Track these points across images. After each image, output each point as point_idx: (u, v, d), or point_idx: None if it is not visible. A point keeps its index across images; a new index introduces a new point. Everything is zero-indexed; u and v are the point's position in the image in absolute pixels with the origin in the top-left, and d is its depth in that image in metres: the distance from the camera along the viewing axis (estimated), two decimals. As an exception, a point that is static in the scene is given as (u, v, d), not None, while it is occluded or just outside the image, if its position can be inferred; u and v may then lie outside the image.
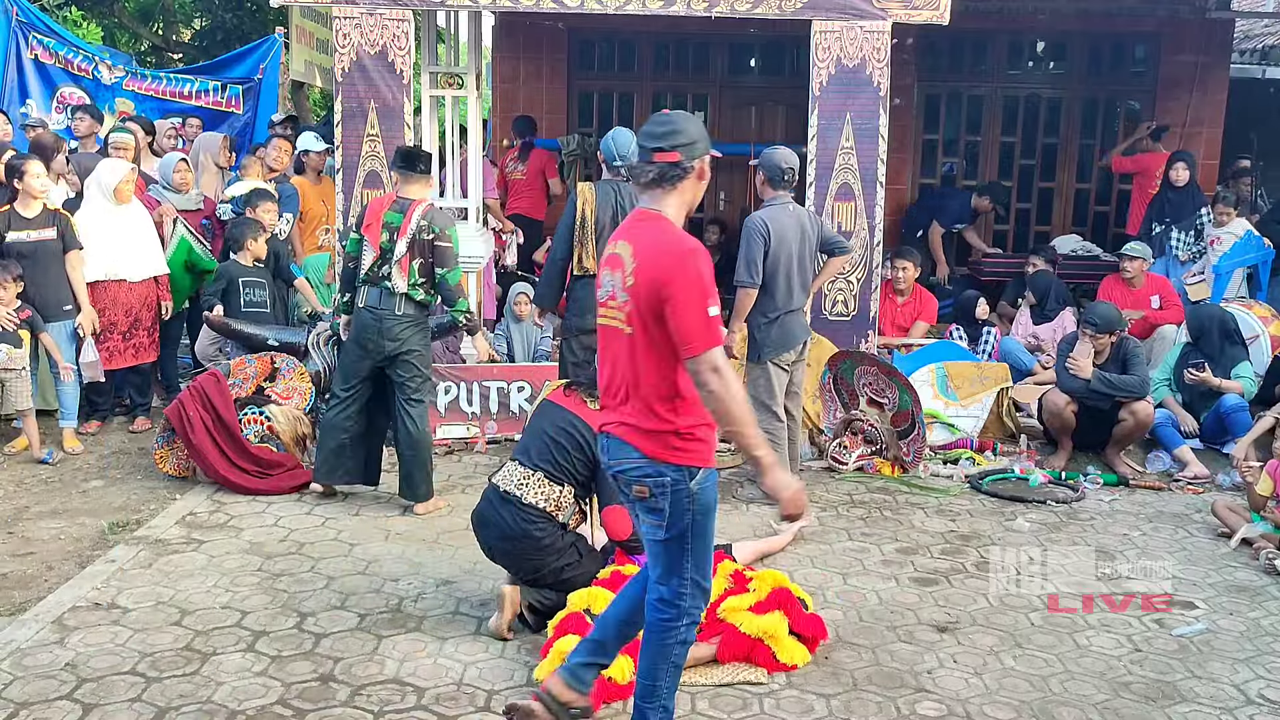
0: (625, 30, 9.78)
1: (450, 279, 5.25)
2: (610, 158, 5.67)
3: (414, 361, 5.31)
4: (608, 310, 3.09)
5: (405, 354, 5.27)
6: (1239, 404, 6.40)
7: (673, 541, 3.04)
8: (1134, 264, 7.64)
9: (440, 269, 5.22)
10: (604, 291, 3.11)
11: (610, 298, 3.06)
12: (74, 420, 6.29)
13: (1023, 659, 3.97)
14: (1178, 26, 9.43)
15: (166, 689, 3.59)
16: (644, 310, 2.92)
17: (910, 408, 6.06)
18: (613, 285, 3.04)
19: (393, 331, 5.24)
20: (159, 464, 5.77)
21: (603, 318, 3.12)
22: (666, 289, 2.87)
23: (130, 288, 6.48)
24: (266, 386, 5.91)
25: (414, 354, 5.29)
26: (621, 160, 5.65)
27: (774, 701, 3.61)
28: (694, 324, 2.85)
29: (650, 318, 2.92)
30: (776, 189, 5.50)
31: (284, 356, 6.14)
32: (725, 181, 10.40)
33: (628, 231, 3.08)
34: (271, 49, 10.16)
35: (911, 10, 6.34)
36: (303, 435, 5.95)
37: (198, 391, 5.66)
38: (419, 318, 5.30)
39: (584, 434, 4.01)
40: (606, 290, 3.09)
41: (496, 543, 4.07)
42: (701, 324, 2.86)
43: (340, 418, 5.38)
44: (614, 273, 3.04)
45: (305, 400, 6.07)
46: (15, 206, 6.11)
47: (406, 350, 5.26)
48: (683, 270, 2.88)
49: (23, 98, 9.04)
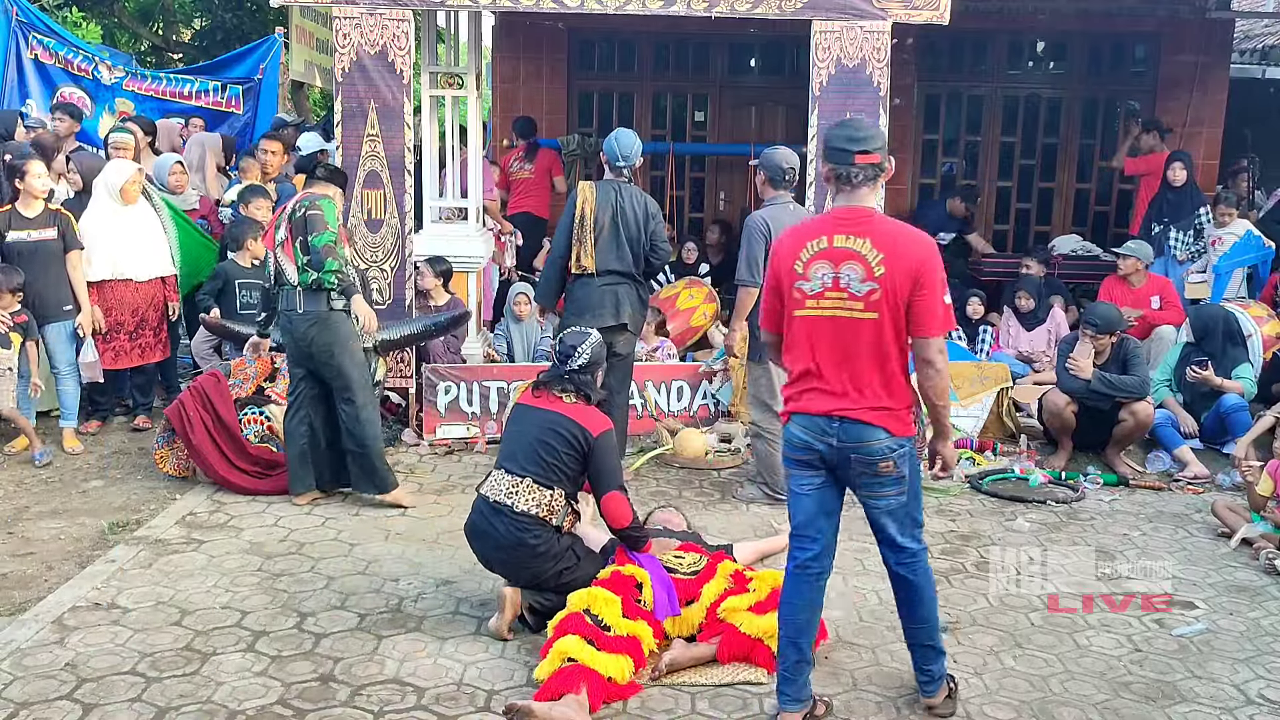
0: (625, 30, 9.78)
1: (316, 242, 5.07)
2: (613, 158, 5.67)
3: (332, 361, 5.21)
4: (830, 301, 3.31)
5: (320, 354, 5.19)
6: (1239, 404, 6.40)
7: (910, 498, 3.43)
8: (1126, 262, 7.62)
9: (310, 235, 5.09)
10: (819, 284, 3.32)
11: (834, 289, 3.29)
12: (74, 420, 6.30)
13: (1023, 659, 3.97)
14: (1178, 26, 9.43)
15: (166, 689, 3.59)
16: (896, 297, 3.24)
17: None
18: (846, 277, 3.28)
19: (299, 331, 5.19)
20: (159, 464, 5.76)
21: (819, 309, 3.33)
22: (923, 276, 3.23)
23: (136, 288, 6.49)
24: (267, 387, 5.87)
25: (328, 352, 5.19)
26: (624, 161, 5.65)
27: (774, 701, 3.61)
28: (938, 308, 3.27)
29: (900, 303, 3.24)
30: (777, 189, 5.50)
31: (284, 357, 6.12)
32: (725, 181, 10.40)
33: (851, 226, 3.32)
34: (271, 49, 10.17)
35: (911, 10, 6.33)
36: None
37: (198, 391, 5.64)
38: (322, 313, 5.16)
39: (569, 430, 4.02)
40: (824, 283, 3.31)
41: (493, 554, 4.07)
42: (943, 309, 3.30)
43: (293, 424, 5.36)
44: (843, 265, 3.29)
45: None
46: (16, 206, 6.11)
47: (319, 350, 5.18)
48: (934, 259, 3.29)
49: (23, 98, 9.04)
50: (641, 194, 5.75)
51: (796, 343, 3.40)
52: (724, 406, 6.67)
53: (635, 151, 5.71)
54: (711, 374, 6.75)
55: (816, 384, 3.36)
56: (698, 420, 6.70)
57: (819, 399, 3.35)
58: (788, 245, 3.42)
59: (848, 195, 3.36)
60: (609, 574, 4.01)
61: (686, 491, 5.81)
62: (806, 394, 3.38)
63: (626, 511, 4.06)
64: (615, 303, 5.64)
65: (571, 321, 5.53)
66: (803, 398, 3.39)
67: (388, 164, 6.44)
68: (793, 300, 3.38)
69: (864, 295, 3.27)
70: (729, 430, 6.47)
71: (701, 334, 7.78)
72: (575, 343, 4.19)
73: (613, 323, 5.58)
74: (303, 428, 5.33)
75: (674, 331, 7.69)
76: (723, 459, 6.24)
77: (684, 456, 6.20)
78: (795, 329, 3.39)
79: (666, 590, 3.99)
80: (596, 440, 4.03)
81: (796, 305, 3.37)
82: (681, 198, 10.31)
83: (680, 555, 4.25)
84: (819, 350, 3.34)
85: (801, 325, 3.37)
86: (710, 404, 6.75)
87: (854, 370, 3.31)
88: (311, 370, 5.31)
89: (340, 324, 5.21)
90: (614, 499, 4.05)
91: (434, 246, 6.93)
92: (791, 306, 3.38)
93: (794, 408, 3.43)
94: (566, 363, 4.14)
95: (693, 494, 5.78)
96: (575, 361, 4.14)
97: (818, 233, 3.37)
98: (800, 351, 3.39)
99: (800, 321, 3.37)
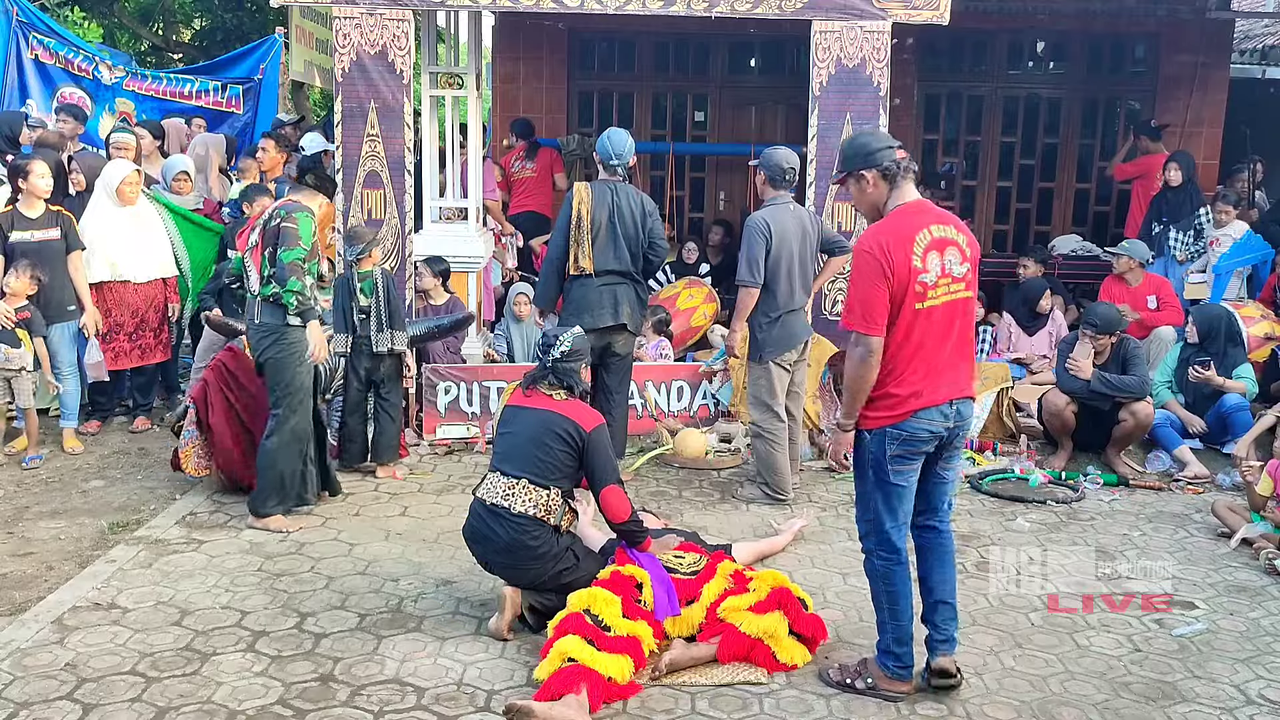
0: (625, 30, 9.78)
1: (284, 257, 4.86)
2: (606, 157, 5.67)
3: (276, 376, 5.02)
4: (942, 289, 3.52)
5: (268, 367, 5.02)
6: (1240, 403, 6.40)
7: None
8: (1120, 261, 7.63)
9: (280, 248, 4.87)
10: (934, 275, 3.51)
11: (943, 275, 3.52)
12: (74, 420, 6.30)
13: (1023, 659, 3.97)
14: (1178, 26, 9.43)
15: (166, 689, 3.59)
16: (975, 271, 3.61)
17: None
18: (947, 264, 3.53)
19: (254, 340, 5.06)
20: (182, 461, 5.51)
21: (936, 299, 3.52)
22: (977, 259, 3.65)
23: (136, 289, 6.49)
24: None
25: (275, 366, 5.00)
26: (617, 160, 5.65)
27: (774, 701, 3.61)
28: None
29: (976, 277, 3.62)
30: (777, 189, 5.51)
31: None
32: (725, 181, 10.40)
33: (934, 216, 3.61)
34: (271, 49, 10.16)
35: (911, 10, 6.33)
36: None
37: (219, 369, 5.45)
38: (275, 327, 4.96)
39: (563, 427, 4.02)
40: (937, 272, 3.51)
41: (493, 556, 4.07)
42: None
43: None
44: (947, 252, 3.54)
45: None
46: (19, 206, 6.12)
47: (264, 361, 5.03)
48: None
49: (23, 98, 9.03)
50: (638, 193, 5.76)
51: (915, 338, 3.51)
52: (724, 406, 6.67)
53: (628, 150, 5.70)
54: (711, 374, 6.75)
55: (938, 374, 3.54)
56: (698, 420, 6.70)
57: (942, 388, 3.55)
58: (896, 244, 3.48)
59: (900, 190, 3.58)
60: (609, 574, 4.01)
61: (686, 491, 5.81)
62: (930, 387, 3.53)
63: (625, 505, 4.07)
64: (614, 302, 5.64)
65: (570, 322, 5.46)
66: (925, 393, 3.52)
67: (388, 164, 6.44)
68: (914, 295, 3.48)
69: (963, 276, 3.57)
70: (729, 430, 6.47)
71: (701, 334, 7.78)
72: (557, 334, 4.19)
73: (611, 322, 5.58)
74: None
75: (674, 331, 7.69)
76: (723, 459, 6.24)
77: (684, 456, 6.20)
78: (916, 323, 3.50)
79: (666, 590, 3.99)
80: (590, 435, 4.03)
81: (918, 299, 3.49)
82: (681, 198, 10.31)
83: (680, 555, 4.26)
84: (936, 339, 3.53)
85: (922, 318, 3.51)
86: (710, 404, 6.75)
87: (957, 349, 3.58)
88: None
89: (295, 342, 5.00)
90: (612, 493, 4.05)
91: (434, 246, 6.93)
92: (913, 301, 3.49)
93: (919, 404, 3.52)
94: (548, 353, 4.13)
95: (693, 494, 5.78)
96: (556, 350, 4.12)
97: (918, 227, 3.52)
98: (920, 345, 3.52)
99: (921, 315, 3.50)
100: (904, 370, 3.51)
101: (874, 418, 3.55)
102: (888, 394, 3.52)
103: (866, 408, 3.56)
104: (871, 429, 3.57)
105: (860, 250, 3.54)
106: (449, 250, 6.96)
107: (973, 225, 10.03)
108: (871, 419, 3.56)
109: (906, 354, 3.51)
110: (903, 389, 3.51)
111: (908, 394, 3.51)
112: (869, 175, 3.60)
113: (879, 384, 3.52)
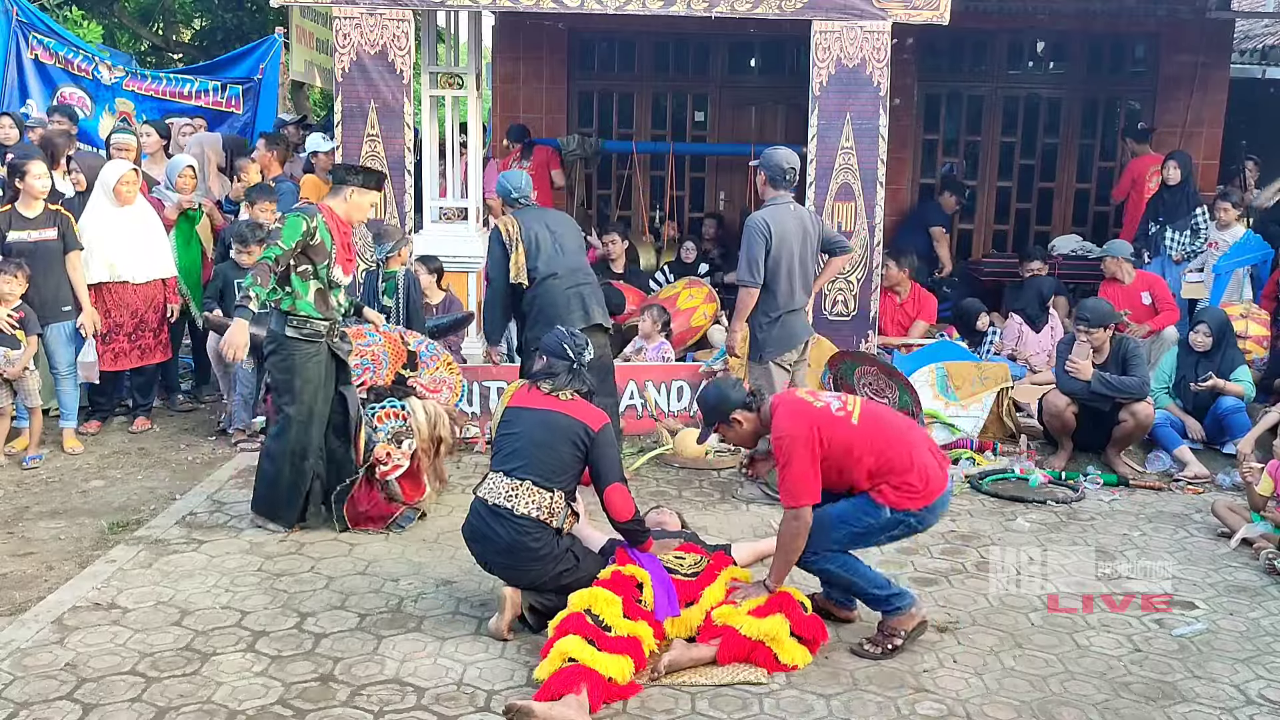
0: (625, 30, 9.78)
1: (265, 254, 4.79)
2: (506, 195, 5.77)
3: (273, 380, 5.01)
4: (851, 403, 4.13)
5: (274, 371, 4.99)
6: (1236, 405, 6.40)
7: None
8: (1106, 263, 7.71)
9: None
10: (835, 403, 4.07)
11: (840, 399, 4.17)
12: (74, 420, 6.30)
13: (1023, 659, 3.97)
14: (1178, 26, 9.43)
15: (166, 689, 3.59)
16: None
17: (910, 408, 6.05)
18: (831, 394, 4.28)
19: (264, 349, 5.01)
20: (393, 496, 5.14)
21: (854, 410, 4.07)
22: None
23: (135, 289, 6.49)
24: (409, 376, 5.39)
25: (272, 370, 5.01)
26: (518, 192, 5.74)
27: (774, 701, 3.61)
28: None
29: None
30: (778, 189, 5.51)
31: (417, 337, 5.65)
32: (725, 181, 10.39)
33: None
34: (271, 49, 10.15)
35: (911, 10, 6.34)
36: (438, 440, 5.33)
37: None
38: (279, 335, 4.88)
39: (570, 427, 4.03)
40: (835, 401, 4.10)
41: (493, 557, 4.07)
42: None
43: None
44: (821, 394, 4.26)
45: (455, 395, 5.63)
46: (16, 206, 6.11)
47: (273, 368, 4.99)
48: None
49: (23, 98, 9.03)
50: (562, 215, 5.92)
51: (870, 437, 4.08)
52: (724, 406, 6.66)
53: (526, 183, 5.83)
54: (711, 374, 6.74)
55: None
56: (698, 420, 6.69)
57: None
58: (818, 421, 3.98)
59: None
60: (609, 574, 4.01)
61: (686, 491, 5.81)
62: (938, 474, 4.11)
63: (629, 504, 4.07)
64: (583, 304, 5.62)
65: (541, 331, 5.12)
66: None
67: (388, 164, 6.45)
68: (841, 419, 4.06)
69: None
70: (729, 430, 6.46)
71: (702, 334, 7.79)
72: (583, 342, 4.26)
73: (584, 325, 5.46)
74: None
75: (674, 331, 7.69)
76: (723, 459, 6.24)
77: (684, 456, 6.20)
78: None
79: (666, 591, 3.99)
80: (597, 435, 4.04)
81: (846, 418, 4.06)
82: (681, 198, 10.31)
83: (681, 556, 4.25)
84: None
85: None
86: (710, 404, 6.74)
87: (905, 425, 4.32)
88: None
89: (288, 351, 4.87)
90: (616, 491, 4.05)
91: (434, 246, 6.93)
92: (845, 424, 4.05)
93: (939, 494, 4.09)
94: (581, 355, 4.19)
95: (693, 494, 5.78)
96: (586, 354, 4.23)
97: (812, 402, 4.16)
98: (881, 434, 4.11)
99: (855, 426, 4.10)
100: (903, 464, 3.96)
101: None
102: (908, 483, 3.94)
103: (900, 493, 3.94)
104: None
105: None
106: (449, 250, 6.96)
107: (973, 225, 10.08)
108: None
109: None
110: (914, 478, 3.93)
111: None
112: (741, 417, 4.14)
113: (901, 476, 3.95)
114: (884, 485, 3.92)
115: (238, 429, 6.44)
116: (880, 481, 3.92)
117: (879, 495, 3.93)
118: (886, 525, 3.97)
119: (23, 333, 5.97)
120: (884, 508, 3.92)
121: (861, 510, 3.96)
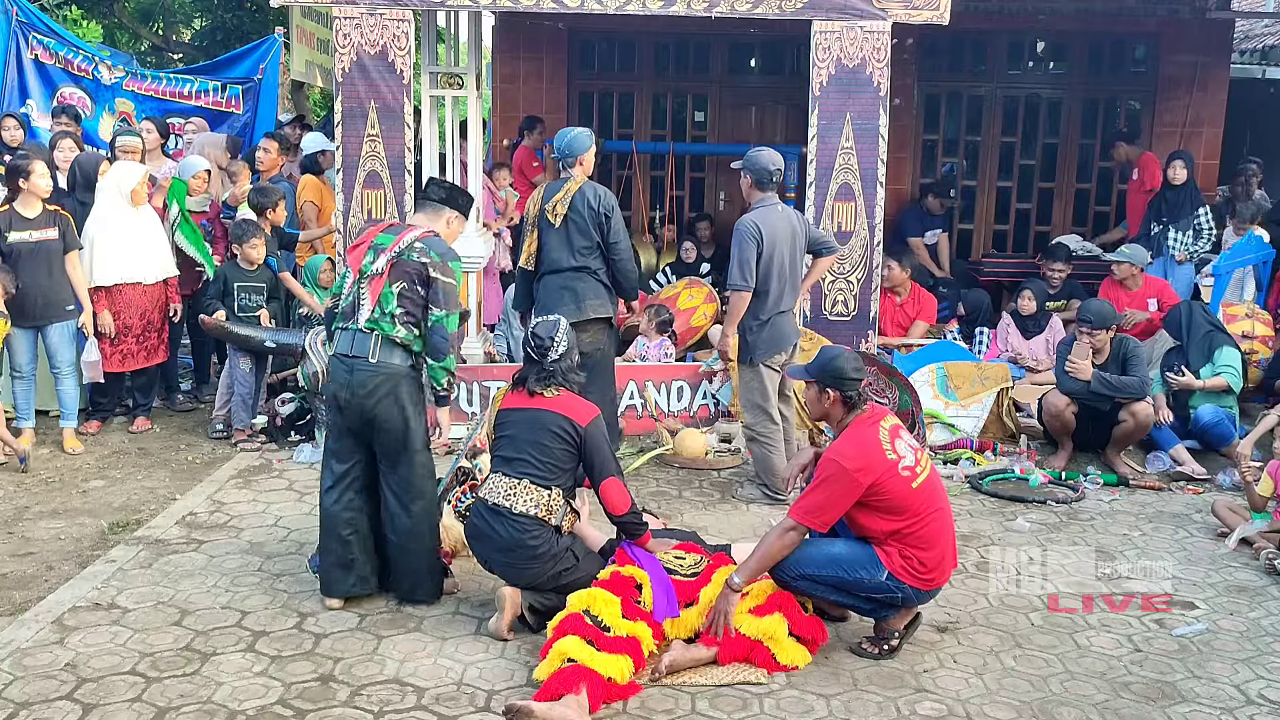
0: (625, 30, 9.77)
1: (448, 323, 4.17)
2: (555, 154, 5.80)
3: (393, 429, 4.14)
4: (922, 465, 4.07)
5: (382, 418, 4.12)
6: (1215, 417, 6.34)
7: None
8: (1121, 267, 7.62)
9: (434, 309, 4.15)
10: (909, 458, 4.01)
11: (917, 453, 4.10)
12: (74, 420, 6.30)
13: (1023, 659, 3.97)
14: (1178, 26, 9.42)
15: (166, 689, 3.60)
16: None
17: (910, 408, 6.07)
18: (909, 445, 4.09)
19: (366, 385, 4.09)
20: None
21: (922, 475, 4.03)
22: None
23: (144, 290, 6.50)
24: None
25: (393, 419, 4.13)
26: (558, 154, 5.73)
27: (774, 701, 3.62)
28: None
29: None
30: (765, 190, 5.48)
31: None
32: (725, 181, 10.39)
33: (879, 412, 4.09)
34: (271, 49, 10.16)
35: (911, 10, 6.33)
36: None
37: None
38: (401, 369, 4.15)
39: (558, 424, 4.02)
40: (910, 457, 4.05)
41: (493, 555, 4.07)
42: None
43: (337, 507, 4.23)
44: (902, 436, 4.07)
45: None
46: (16, 206, 6.11)
47: (384, 412, 4.11)
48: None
49: (23, 98, 9.04)
50: (596, 189, 5.66)
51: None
52: (724, 406, 6.67)
53: (574, 145, 5.63)
54: (711, 374, 6.75)
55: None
56: (698, 420, 6.70)
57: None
58: (874, 459, 3.91)
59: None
60: (609, 574, 4.01)
61: (686, 491, 5.81)
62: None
63: (625, 498, 4.07)
64: (575, 299, 5.60)
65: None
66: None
67: (388, 164, 6.45)
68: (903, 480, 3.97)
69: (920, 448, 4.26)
70: (729, 430, 6.47)
71: (702, 334, 7.79)
72: (548, 333, 4.14)
73: (576, 319, 5.37)
74: (351, 514, 4.24)
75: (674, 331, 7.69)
76: (723, 459, 6.24)
77: (684, 456, 6.20)
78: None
79: (666, 591, 3.98)
80: (586, 429, 4.03)
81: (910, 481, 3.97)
82: (681, 198, 10.31)
83: (681, 556, 4.25)
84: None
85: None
86: (710, 404, 6.76)
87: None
88: (364, 438, 4.22)
89: (417, 388, 4.24)
90: (611, 485, 4.05)
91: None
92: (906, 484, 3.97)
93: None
94: (545, 355, 4.12)
95: (693, 494, 5.78)
96: (554, 352, 4.11)
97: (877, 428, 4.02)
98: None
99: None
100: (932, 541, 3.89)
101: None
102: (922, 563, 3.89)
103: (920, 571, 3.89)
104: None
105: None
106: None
107: (973, 225, 10.08)
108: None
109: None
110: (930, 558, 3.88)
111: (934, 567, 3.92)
112: (831, 394, 3.99)
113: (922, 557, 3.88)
114: (896, 549, 3.83)
115: (238, 429, 6.44)
116: (896, 544, 3.83)
117: (885, 556, 3.84)
118: (876, 588, 3.85)
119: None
120: (884, 570, 3.83)
121: (861, 563, 3.86)
